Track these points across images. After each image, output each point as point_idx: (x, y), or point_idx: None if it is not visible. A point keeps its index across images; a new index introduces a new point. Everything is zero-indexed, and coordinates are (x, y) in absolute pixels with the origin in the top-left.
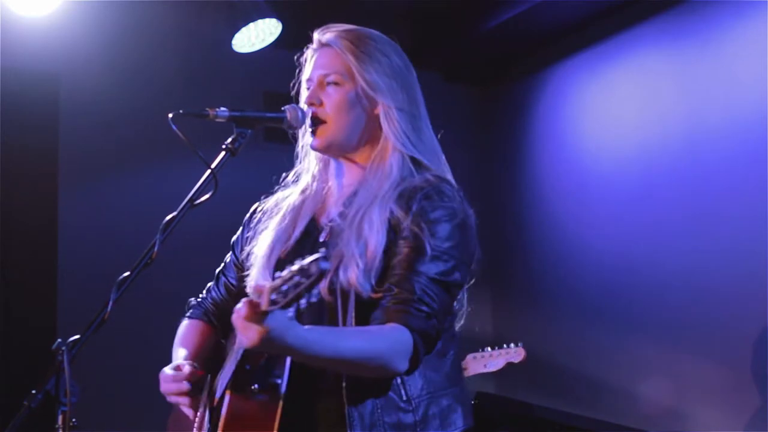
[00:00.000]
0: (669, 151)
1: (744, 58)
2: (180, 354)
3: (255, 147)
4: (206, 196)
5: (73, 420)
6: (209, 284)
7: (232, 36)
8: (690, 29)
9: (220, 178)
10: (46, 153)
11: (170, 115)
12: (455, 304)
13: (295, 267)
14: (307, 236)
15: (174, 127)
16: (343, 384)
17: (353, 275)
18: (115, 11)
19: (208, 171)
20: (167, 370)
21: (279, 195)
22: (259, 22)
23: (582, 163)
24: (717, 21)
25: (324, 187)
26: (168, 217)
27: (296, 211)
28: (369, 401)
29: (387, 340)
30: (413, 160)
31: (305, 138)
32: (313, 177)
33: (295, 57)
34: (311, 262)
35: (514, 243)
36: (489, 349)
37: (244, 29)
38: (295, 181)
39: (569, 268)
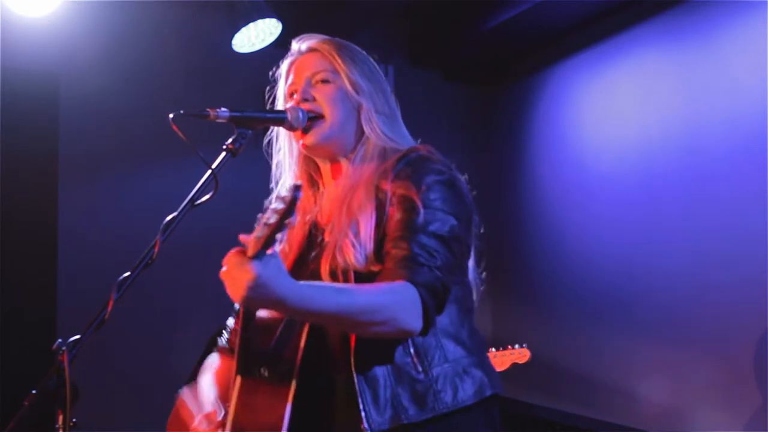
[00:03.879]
0: (669, 151)
1: (744, 58)
2: (209, 392)
3: (255, 147)
4: (207, 197)
5: (73, 420)
6: (229, 319)
7: (232, 36)
8: (690, 29)
9: (221, 178)
10: (46, 153)
11: (171, 116)
12: (472, 275)
13: (272, 204)
14: (311, 242)
15: (175, 128)
16: (351, 360)
17: (350, 254)
18: (115, 11)
19: (209, 171)
20: (198, 419)
21: None
22: (259, 22)
23: (582, 163)
24: (717, 21)
25: (318, 193)
26: (168, 218)
27: (294, 224)
28: (381, 376)
29: (391, 293)
30: (393, 149)
31: (286, 149)
32: (306, 192)
33: (270, 73)
34: (287, 189)
35: (514, 243)
36: (493, 349)
37: (244, 29)
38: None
39: (569, 267)
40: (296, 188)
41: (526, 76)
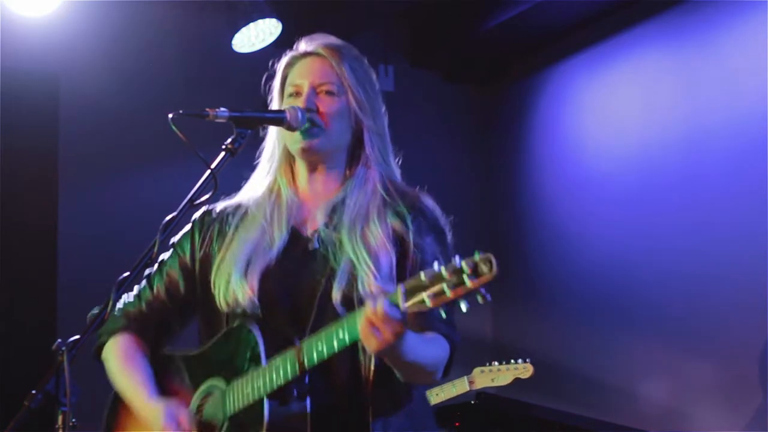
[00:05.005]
0: (669, 151)
1: (744, 58)
2: (138, 383)
3: (255, 147)
4: (206, 196)
5: (73, 420)
6: (136, 287)
7: (232, 36)
8: (690, 29)
9: (220, 178)
10: (46, 153)
11: (170, 116)
12: None
13: (455, 266)
14: (294, 245)
15: (174, 128)
16: (368, 396)
17: (372, 284)
18: (115, 11)
19: (208, 171)
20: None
21: (242, 198)
22: (259, 22)
23: (582, 163)
24: (717, 21)
25: (296, 194)
26: (168, 217)
27: (270, 219)
28: (388, 410)
29: (442, 349)
30: (389, 179)
31: (274, 143)
32: (282, 184)
33: (270, 62)
34: (484, 260)
35: (513, 243)
36: (496, 363)
37: (244, 29)
38: (253, 187)
39: (569, 268)
40: (494, 262)
41: (526, 76)
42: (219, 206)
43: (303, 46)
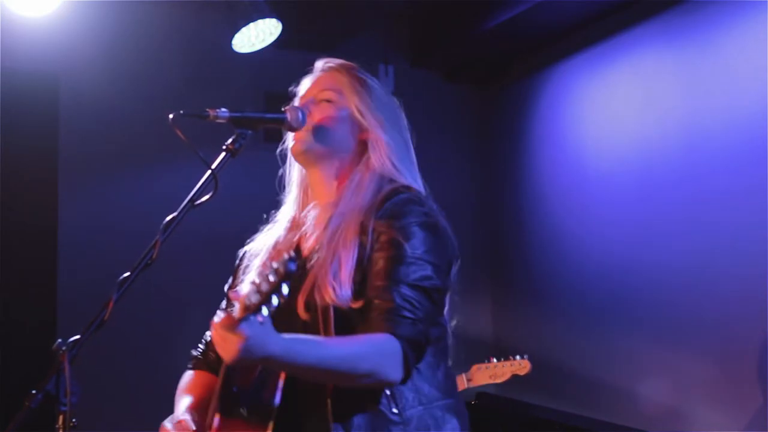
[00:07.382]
0: (669, 151)
1: (744, 58)
2: (182, 404)
3: (255, 148)
4: (206, 197)
5: (73, 420)
6: (207, 333)
7: (232, 36)
8: (690, 29)
9: (221, 178)
10: (46, 153)
11: (171, 116)
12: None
13: (266, 269)
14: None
15: (174, 128)
16: (328, 401)
17: (328, 293)
18: (115, 11)
19: (209, 172)
20: (167, 424)
21: (264, 234)
22: (259, 22)
23: (582, 163)
24: (717, 21)
25: (303, 212)
26: (168, 218)
27: (276, 244)
28: (356, 417)
29: (372, 346)
30: (390, 180)
31: (289, 173)
32: (295, 205)
33: (290, 88)
34: (281, 262)
35: (513, 243)
36: (494, 360)
37: (244, 29)
38: (276, 218)
39: (569, 268)
40: (290, 260)
41: (526, 76)
42: (251, 244)
43: (317, 65)
